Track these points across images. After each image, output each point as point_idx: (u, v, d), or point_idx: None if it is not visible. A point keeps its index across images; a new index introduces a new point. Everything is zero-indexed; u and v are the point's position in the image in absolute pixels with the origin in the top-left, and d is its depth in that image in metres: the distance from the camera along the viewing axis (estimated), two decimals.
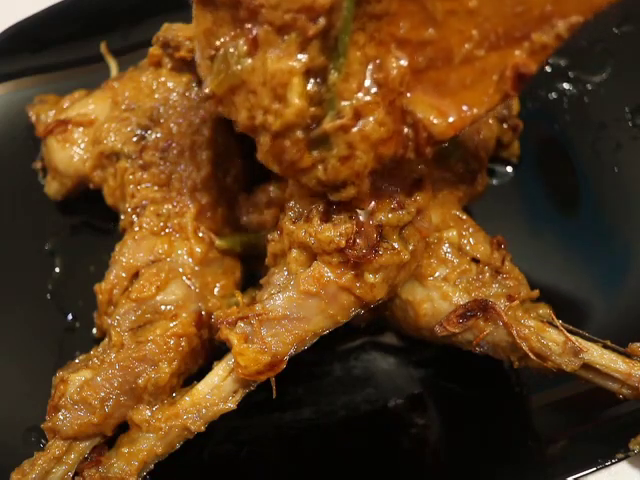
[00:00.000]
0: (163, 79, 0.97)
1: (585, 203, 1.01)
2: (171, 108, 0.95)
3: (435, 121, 0.60)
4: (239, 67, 0.59)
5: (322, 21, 0.55)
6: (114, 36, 1.15)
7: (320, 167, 0.62)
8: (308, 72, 0.58)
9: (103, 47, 1.14)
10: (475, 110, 0.60)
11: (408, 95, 0.60)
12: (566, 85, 1.09)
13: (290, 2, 0.54)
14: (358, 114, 0.59)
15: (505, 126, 0.99)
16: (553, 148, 1.07)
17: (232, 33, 0.59)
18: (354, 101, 0.59)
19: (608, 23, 1.08)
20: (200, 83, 0.93)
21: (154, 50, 0.97)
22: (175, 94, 0.96)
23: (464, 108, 0.60)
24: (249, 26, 0.57)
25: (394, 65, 0.59)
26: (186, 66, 0.94)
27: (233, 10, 0.57)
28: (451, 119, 0.60)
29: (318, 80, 0.58)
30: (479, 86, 0.59)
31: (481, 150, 0.92)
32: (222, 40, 0.60)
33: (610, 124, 1.04)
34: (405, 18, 0.57)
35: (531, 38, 0.56)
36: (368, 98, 0.59)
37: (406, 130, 0.61)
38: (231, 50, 0.59)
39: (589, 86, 1.07)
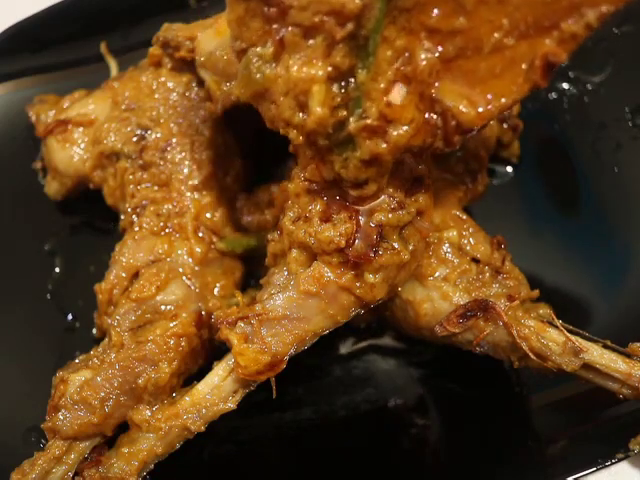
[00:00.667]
0: (163, 79, 0.97)
1: (585, 203, 1.01)
2: (171, 108, 0.95)
3: (464, 110, 0.59)
4: (262, 74, 0.59)
5: (350, 26, 0.55)
6: (114, 36, 1.15)
7: (339, 164, 0.63)
8: (332, 76, 0.58)
9: (103, 47, 1.14)
10: (504, 100, 0.59)
11: (437, 84, 0.60)
12: (566, 85, 1.09)
13: (319, 4, 0.54)
14: (384, 117, 0.59)
15: (505, 126, 0.99)
16: (553, 148, 1.07)
17: (261, 31, 0.58)
18: (381, 104, 0.59)
19: (608, 23, 1.07)
20: (200, 83, 0.94)
21: (154, 50, 0.97)
22: (175, 94, 0.96)
23: (493, 97, 0.59)
24: (276, 27, 0.57)
25: (423, 57, 0.58)
26: (186, 66, 0.94)
27: (263, 4, 0.57)
28: (480, 108, 0.59)
29: (343, 82, 0.58)
30: (508, 75, 0.58)
31: (481, 150, 0.92)
32: (252, 36, 0.59)
33: (610, 124, 1.04)
34: (436, 7, 0.57)
35: (561, 27, 0.56)
36: (396, 100, 0.59)
37: (434, 118, 0.61)
38: (257, 52, 0.59)
39: (589, 86, 1.07)
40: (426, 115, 0.60)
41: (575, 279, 0.96)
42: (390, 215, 0.69)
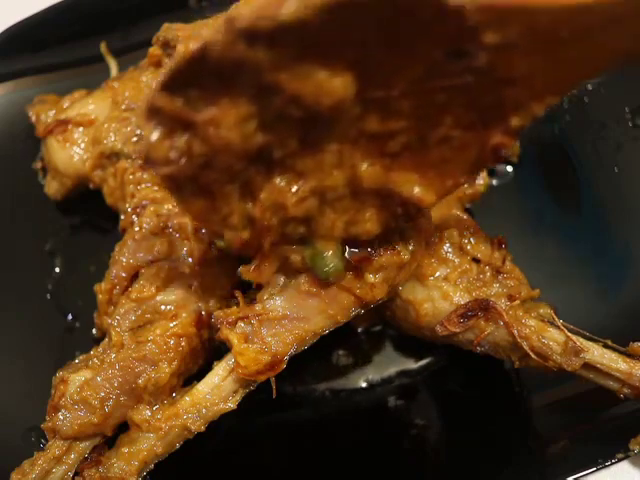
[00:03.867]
0: None
1: (585, 203, 1.01)
2: None
3: (423, 197, 0.61)
4: None
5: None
6: (114, 36, 1.15)
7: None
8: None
9: (103, 47, 1.14)
10: (458, 179, 0.61)
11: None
12: None
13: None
14: None
15: None
16: (553, 148, 1.07)
17: None
18: None
19: None
20: None
21: (154, 50, 0.97)
22: None
23: (447, 178, 0.61)
24: None
25: (364, 168, 0.59)
26: None
27: None
28: (436, 190, 0.61)
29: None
30: (459, 159, 0.59)
31: None
32: None
33: (610, 124, 1.04)
34: (373, 115, 0.56)
35: (508, 123, 0.55)
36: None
37: (395, 208, 0.63)
38: None
39: (589, 86, 1.07)
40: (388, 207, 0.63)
41: (575, 279, 0.96)
42: None
